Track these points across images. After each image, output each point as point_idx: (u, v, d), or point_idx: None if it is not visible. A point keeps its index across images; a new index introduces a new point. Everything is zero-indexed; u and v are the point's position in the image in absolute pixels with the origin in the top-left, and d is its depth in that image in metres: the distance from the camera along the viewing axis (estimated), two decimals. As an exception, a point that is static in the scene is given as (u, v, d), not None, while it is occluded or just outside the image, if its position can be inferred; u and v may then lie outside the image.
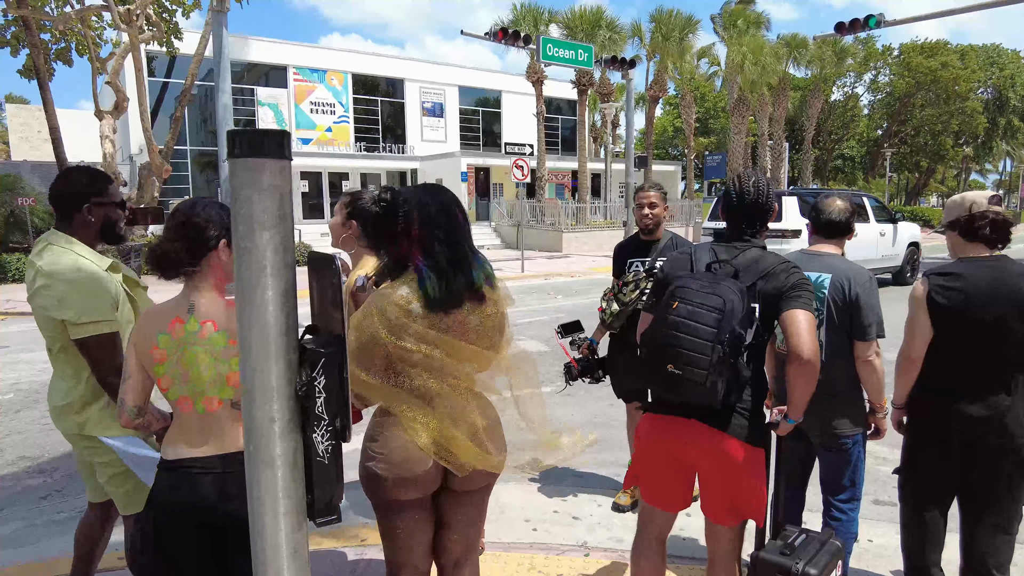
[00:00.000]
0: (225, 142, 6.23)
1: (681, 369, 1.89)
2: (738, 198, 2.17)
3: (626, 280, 3.38)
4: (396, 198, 1.88)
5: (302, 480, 1.34)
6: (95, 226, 2.27)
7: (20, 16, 15.74)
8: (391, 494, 1.86)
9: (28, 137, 32.73)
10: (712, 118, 46.26)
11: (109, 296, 2.17)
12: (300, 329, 1.36)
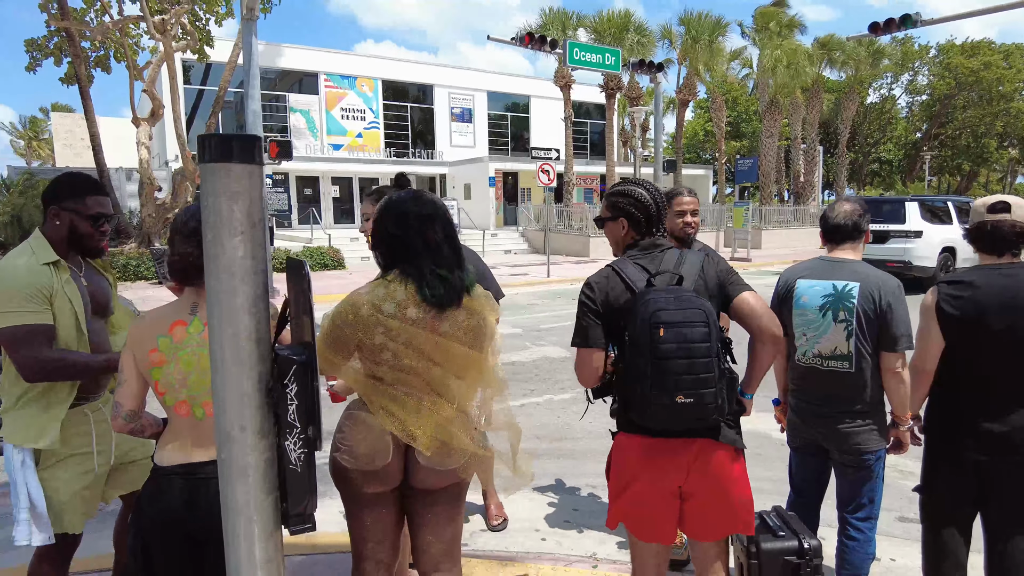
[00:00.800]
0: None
1: (692, 396, 1.81)
2: (656, 207, 2.12)
3: None
4: (385, 203, 1.95)
5: (275, 488, 1.32)
6: (60, 231, 2.20)
7: (63, 28, 16.28)
8: (353, 486, 1.93)
9: (71, 144, 33.77)
10: (744, 121, 45.62)
11: (30, 288, 2.06)
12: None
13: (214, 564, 1.69)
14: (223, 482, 1.28)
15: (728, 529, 2.04)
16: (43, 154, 52.17)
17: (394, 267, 1.93)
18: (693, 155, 48.92)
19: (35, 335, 2.04)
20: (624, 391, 1.97)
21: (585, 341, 2.03)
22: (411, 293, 1.87)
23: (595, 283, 2.06)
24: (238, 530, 1.29)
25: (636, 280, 1.99)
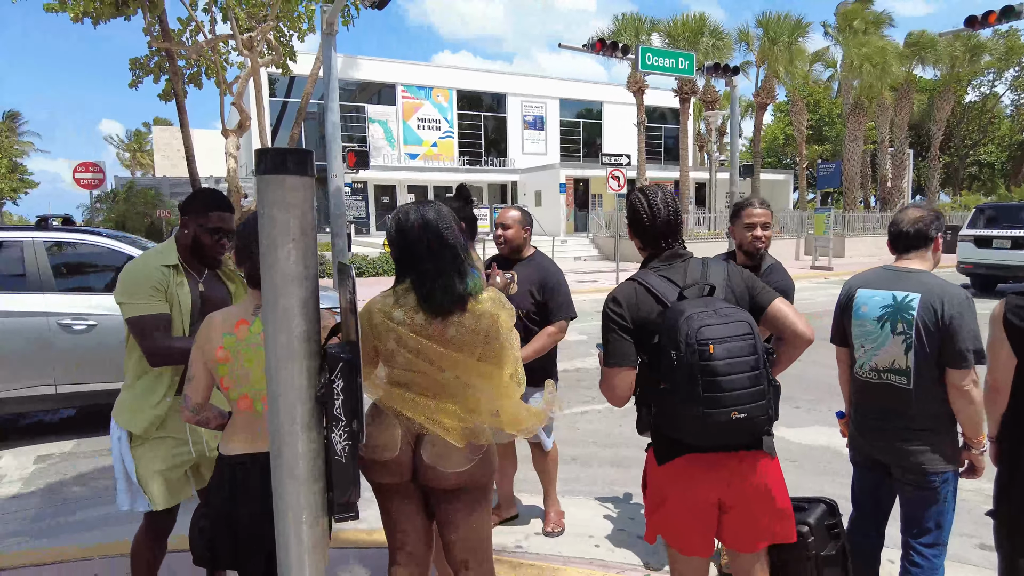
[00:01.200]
0: (333, 158, 6.71)
1: (746, 411, 1.78)
2: (652, 216, 2.06)
3: None
4: (394, 214, 2.04)
5: (321, 477, 1.42)
6: (186, 239, 2.44)
7: (162, 48, 17.47)
8: (369, 474, 2.03)
9: (169, 155, 36.10)
10: (827, 125, 43.75)
11: (151, 282, 2.33)
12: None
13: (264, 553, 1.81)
14: (275, 470, 1.38)
15: (768, 538, 2.00)
16: (145, 164, 55.96)
17: (404, 275, 1.99)
18: (773, 159, 47.31)
19: (157, 323, 2.32)
20: (667, 410, 1.90)
21: (618, 360, 1.97)
22: (418, 300, 1.94)
23: (622, 298, 1.99)
24: (287, 516, 1.38)
25: (665, 293, 1.95)
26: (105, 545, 3.37)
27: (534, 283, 3.27)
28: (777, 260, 3.09)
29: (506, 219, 3.36)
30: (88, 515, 3.95)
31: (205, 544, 1.98)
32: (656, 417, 1.96)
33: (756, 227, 2.99)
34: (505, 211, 3.40)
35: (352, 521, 1.48)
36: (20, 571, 3.09)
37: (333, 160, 13.00)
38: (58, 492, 4.30)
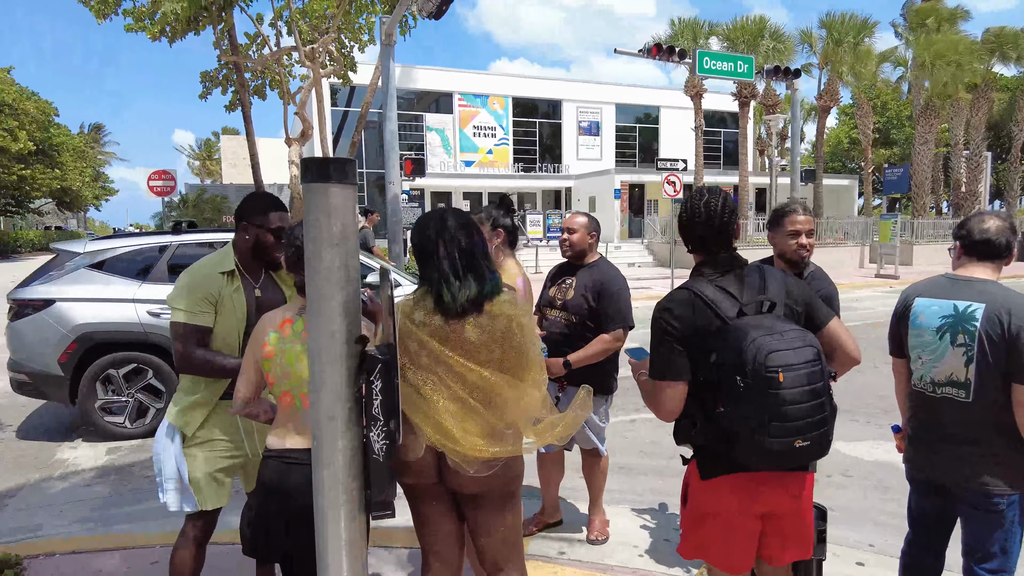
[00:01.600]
0: (391, 166, 6.89)
1: (810, 439, 1.74)
2: (707, 220, 1.99)
3: None
4: (418, 218, 2.08)
5: (359, 475, 1.46)
6: (247, 243, 2.48)
7: (231, 61, 18.25)
8: (399, 476, 2.00)
9: (236, 163, 37.53)
10: (895, 127, 42.02)
11: (202, 291, 2.37)
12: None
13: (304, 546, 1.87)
14: (315, 467, 1.44)
15: (803, 553, 1.97)
16: (213, 172, 58.40)
17: (423, 277, 2.00)
18: (837, 164, 45.75)
19: (192, 334, 2.36)
20: (721, 429, 1.82)
21: (671, 373, 1.87)
22: (433, 300, 1.94)
23: (676, 308, 1.90)
24: (326, 510, 1.44)
25: (724, 307, 1.87)
26: (167, 534, 3.54)
27: (590, 289, 3.26)
28: (818, 265, 2.96)
29: (573, 223, 3.36)
30: (152, 505, 4.16)
31: (253, 535, 2.07)
32: (705, 433, 1.89)
33: (800, 235, 2.84)
34: (573, 216, 3.40)
35: (389, 519, 1.52)
36: (88, 555, 3.28)
37: (391, 168, 13.29)
38: (127, 482, 4.54)
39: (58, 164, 37.13)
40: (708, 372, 1.84)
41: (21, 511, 4.12)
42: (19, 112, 28.46)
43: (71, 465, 4.86)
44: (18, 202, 38.53)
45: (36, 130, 31.59)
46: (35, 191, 37.26)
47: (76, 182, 40.61)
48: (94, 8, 14.73)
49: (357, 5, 16.53)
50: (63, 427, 5.80)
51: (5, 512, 4.12)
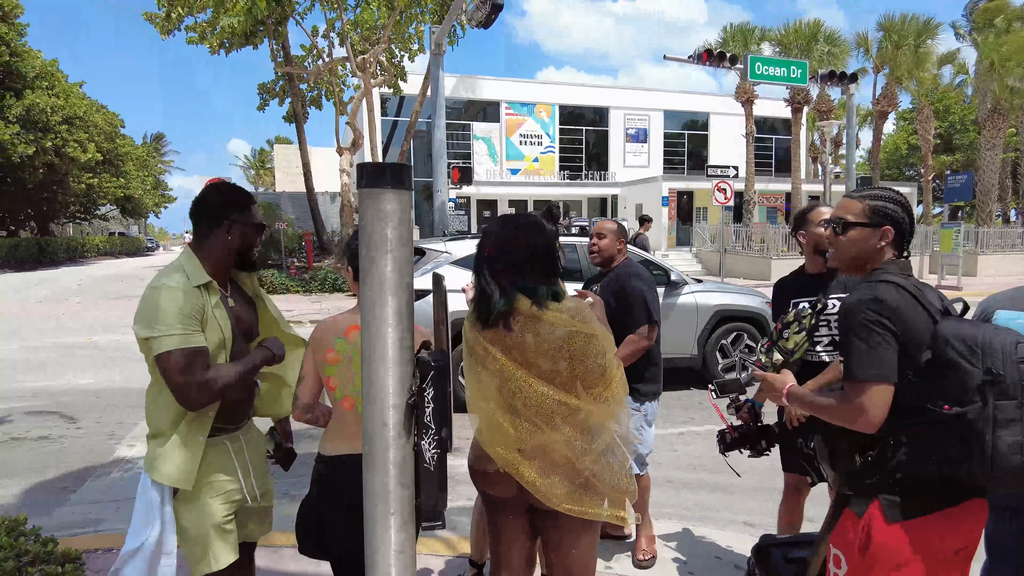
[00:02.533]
0: (439, 174, 6.89)
1: None
2: (912, 219, 1.86)
3: (785, 320, 2.69)
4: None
5: (410, 483, 1.44)
6: (232, 245, 2.05)
7: (286, 72, 18.78)
8: (475, 484, 2.04)
9: (288, 172, 38.57)
10: (958, 132, 40.37)
11: (189, 309, 1.90)
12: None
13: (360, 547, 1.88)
14: (366, 473, 1.43)
15: None
16: (267, 181, 60.15)
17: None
18: (894, 171, 44.22)
19: (195, 358, 1.88)
20: (940, 443, 1.61)
21: (882, 372, 1.64)
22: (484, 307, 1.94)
23: (889, 299, 1.68)
24: (376, 517, 1.42)
25: (935, 307, 1.71)
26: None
27: (612, 292, 3.24)
28: None
29: (602, 229, 3.39)
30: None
31: (309, 536, 2.12)
32: (908, 456, 1.65)
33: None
34: (602, 222, 3.43)
35: (440, 530, 1.50)
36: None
37: (439, 176, 13.45)
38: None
39: (122, 173, 38.83)
40: (921, 374, 1.65)
41: (82, 505, 4.26)
42: (89, 124, 29.86)
43: (130, 464, 5.02)
44: (86, 209, 40.41)
45: (103, 141, 33.10)
46: (101, 199, 39.04)
47: (138, 190, 42.39)
48: (159, 25, 15.36)
49: (407, 15, 16.80)
50: (124, 424, 6.00)
51: (67, 506, 4.27)
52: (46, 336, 10.97)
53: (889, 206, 1.81)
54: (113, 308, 14.69)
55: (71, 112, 27.22)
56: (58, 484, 4.64)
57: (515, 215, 2.03)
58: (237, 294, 2.17)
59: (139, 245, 48.78)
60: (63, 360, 9.03)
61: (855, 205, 1.85)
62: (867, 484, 1.71)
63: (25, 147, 24.56)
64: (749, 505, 4.16)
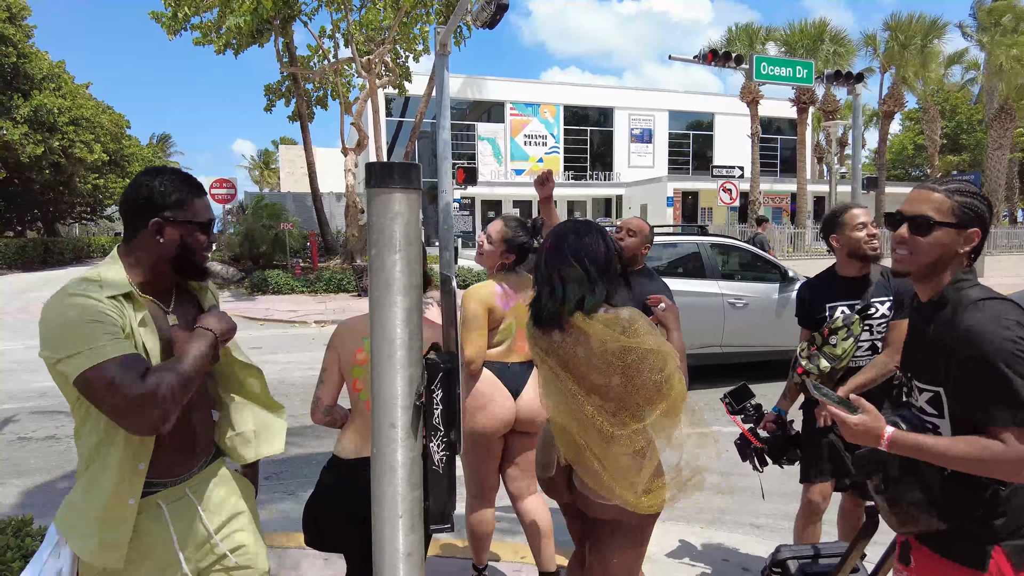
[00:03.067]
0: (444, 174, 6.78)
1: None
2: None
3: (834, 326, 2.62)
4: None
5: (418, 485, 1.43)
6: (167, 249, 1.61)
7: (292, 73, 18.81)
8: (544, 488, 2.11)
9: (293, 172, 38.66)
10: (964, 132, 40.17)
11: (101, 322, 1.46)
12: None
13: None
14: (374, 476, 1.41)
15: None
16: (271, 181, 60.26)
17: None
18: (900, 171, 44.05)
19: (128, 365, 1.44)
20: None
21: None
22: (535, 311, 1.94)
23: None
24: (384, 519, 1.41)
25: None
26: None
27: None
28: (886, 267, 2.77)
29: (633, 225, 3.27)
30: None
31: (317, 531, 2.16)
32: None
33: (867, 224, 2.69)
34: (636, 220, 3.33)
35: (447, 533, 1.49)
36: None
37: (443, 176, 13.46)
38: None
39: (128, 174, 38.97)
40: None
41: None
42: (95, 125, 29.98)
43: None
44: (92, 210, 40.57)
45: (110, 142, 33.22)
46: (107, 199, 39.19)
47: (144, 190, 42.46)
48: (165, 24, 15.40)
49: (413, 16, 16.81)
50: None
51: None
52: (53, 336, 10.99)
53: (978, 205, 1.56)
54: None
55: (78, 113, 27.32)
56: (65, 484, 4.64)
57: (581, 221, 1.98)
58: (184, 309, 1.71)
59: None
60: (69, 360, 9.04)
61: (940, 200, 1.57)
62: (987, 529, 1.48)
63: (34, 147, 24.66)
64: (758, 507, 4.13)
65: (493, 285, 2.73)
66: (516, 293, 2.72)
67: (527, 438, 2.75)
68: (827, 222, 2.83)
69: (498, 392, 2.62)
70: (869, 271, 2.76)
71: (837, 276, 2.83)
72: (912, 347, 1.70)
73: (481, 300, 2.65)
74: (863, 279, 2.75)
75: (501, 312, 2.67)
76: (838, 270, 2.84)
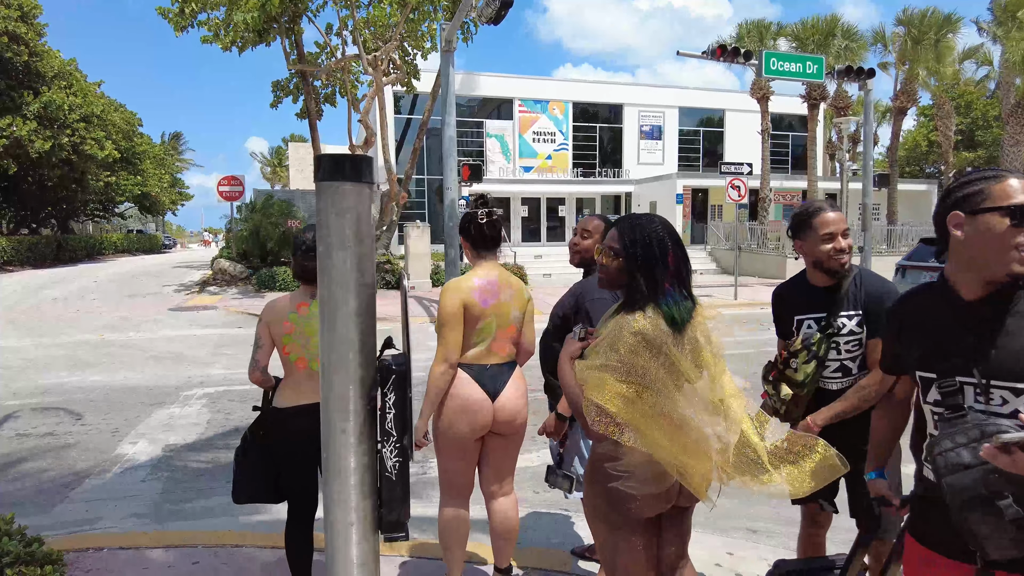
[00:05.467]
0: (449, 171, 6.77)
1: None
2: None
3: (793, 348, 2.35)
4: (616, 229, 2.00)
5: (372, 492, 1.38)
6: None
7: (299, 70, 18.82)
8: (636, 512, 1.85)
9: (302, 170, 38.73)
10: (980, 128, 39.60)
11: None
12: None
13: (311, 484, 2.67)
14: (325, 485, 1.36)
15: None
16: (283, 178, 60.52)
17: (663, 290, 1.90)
18: (913, 168, 43.52)
19: None
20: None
21: None
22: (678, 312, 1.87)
23: None
24: (336, 528, 1.36)
25: None
26: (207, 533, 3.58)
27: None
28: (860, 266, 2.49)
29: (587, 225, 3.02)
30: (200, 504, 4.22)
31: (256, 483, 2.64)
32: None
33: (836, 236, 2.34)
34: (589, 219, 3.05)
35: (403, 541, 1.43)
36: (133, 551, 3.33)
37: (449, 173, 13.38)
38: (181, 480, 4.64)
39: (140, 171, 39.23)
40: None
41: (81, 503, 4.25)
42: (107, 122, 30.17)
43: (130, 460, 5.01)
44: (104, 207, 40.90)
45: (121, 139, 33.42)
46: (119, 196, 39.49)
47: (155, 188, 42.80)
48: (172, 20, 15.43)
49: (420, 13, 16.75)
50: (129, 421, 6.00)
51: (67, 503, 4.26)
52: (60, 334, 11.07)
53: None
54: (127, 306, 14.81)
55: (88, 110, 27.47)
56: (60, 481, 4.64)
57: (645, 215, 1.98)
58: None
59: (156, 243, 49.26)
60: (75, 357, 9.09)
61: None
62: None
63: (42, 143, 24.84)
64: (753, 510, 4.05)
65: (472, 279, 2.63)
66: (498, 291, 2.64)
67: (505, 439, 2.69)
68: (795, 222, 2.48)
69: (476, 394, 2.55)
70: (840, 283, 2.42)
71: (807, 284, 2.51)
72: (980, 346, 1.46)
73: (458, 295, 2.56)
74: (833, 289, 2.41)
75: (480, 309, 2.56)
76: (808, 277, 2.51)
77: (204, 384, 7.45)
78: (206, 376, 7.88)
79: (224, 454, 5.09)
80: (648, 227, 1.88)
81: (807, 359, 2.33)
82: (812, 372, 2.33)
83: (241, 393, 6.91)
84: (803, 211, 2.47)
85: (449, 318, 2.53)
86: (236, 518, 3.91)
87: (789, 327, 2.51)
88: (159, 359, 8.98)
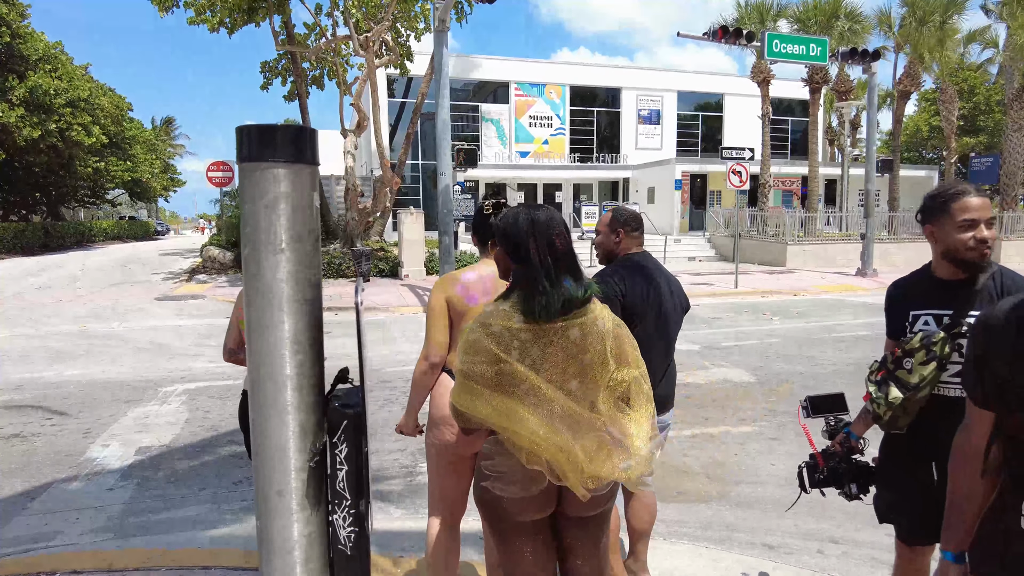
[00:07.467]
0: (443, 156, 6.41)
1: None
2: None
3: (909, 345, 2.09)
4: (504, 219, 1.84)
5: (321, 571, 1.05)
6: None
7: (289, 51, 18.30)
8: (509, 516, 1.80)
9: (296, 155, 38.22)
10: (983, 114, 39.17)
11: None
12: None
13: None
14: (262, 560, 1.03)
15: None
16: (276, 164, 59.81)
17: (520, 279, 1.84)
18: (914, 154, 43.17)
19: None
20: None
21: None
22: (538, 302, 1.77)
23: None
24: (272, 623, 1.03)
25: None
26: (173, 552, 3.26)
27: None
28: (1002, 265, 2.18)
29: (598, 223, 3.10)
30: (168, 516, 3.91)
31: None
32: None
33: (979, 225, 2.03)
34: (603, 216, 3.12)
35: None
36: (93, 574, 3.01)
37: (443, 158, 12.94)
38: (150, 488, 4.31)
39: (130, 156, 38.58)
40: None
41: (41, 515, 3.93)
42: (94, 107, 29.52)
43: (98, 465, 4.68)
44: (94, 193, 40.28)
45: (110, 124, 32.77)
46: (109, 182, 38.86)
47: (146, 174, 42.16)
48: (156, 1, 14.92)
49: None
50: (102, 420, 5.67)
51: (25, 515, 3.94)
52: (40, 324, 10.70)
53: None
54: (112, 294, 14.43)
55: (75, 95, 26.87)
56: (20, 489, 4.31)
57: (535, 205, 1.87)
58: None
59: (148, 229, 48.66)
60: (54, 349, 8.73)
61: None
62: None
63: (31, 130, 24.28)
64: (772, 523, 3.74)
65: (464, 273, 2.41)
66: (490, 290, 2.34)
67: None
68: (928, 204, 2.17)
69: None
70: (975, 278, 2.12)
71: (932, 276, 2.21)
72: None
73: (442, 290, 2.34)
74: (963, 284, 2.12)
75: (463, 306, 2.30)
76: (933, 269, 2.22)
77: (185, 379, 7.11)
78: (188, 370, 7.53)
79: (198, 458, 4.77)
80: (524, 214, 1.80)
81: (925, 359, 2.05)
82: (930, 375, 2.03)
83: (221, 389, 6.58)
84: (939, 193, 2.14)
85: (432, 314, 2.34)
86: (206, 532, 3.60)
87: (902, 323, 2.21)
88: (141, 351, 8.63)
